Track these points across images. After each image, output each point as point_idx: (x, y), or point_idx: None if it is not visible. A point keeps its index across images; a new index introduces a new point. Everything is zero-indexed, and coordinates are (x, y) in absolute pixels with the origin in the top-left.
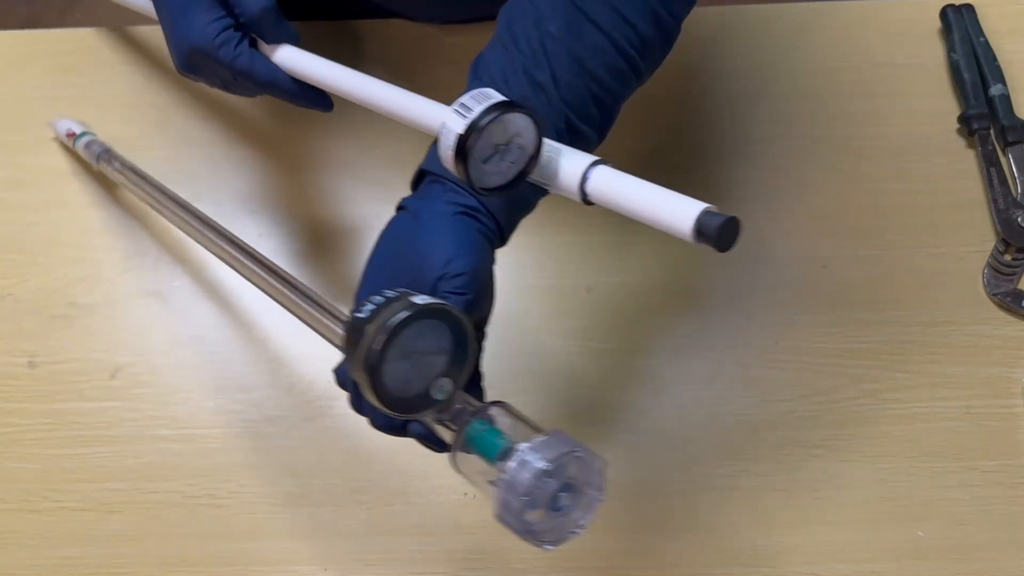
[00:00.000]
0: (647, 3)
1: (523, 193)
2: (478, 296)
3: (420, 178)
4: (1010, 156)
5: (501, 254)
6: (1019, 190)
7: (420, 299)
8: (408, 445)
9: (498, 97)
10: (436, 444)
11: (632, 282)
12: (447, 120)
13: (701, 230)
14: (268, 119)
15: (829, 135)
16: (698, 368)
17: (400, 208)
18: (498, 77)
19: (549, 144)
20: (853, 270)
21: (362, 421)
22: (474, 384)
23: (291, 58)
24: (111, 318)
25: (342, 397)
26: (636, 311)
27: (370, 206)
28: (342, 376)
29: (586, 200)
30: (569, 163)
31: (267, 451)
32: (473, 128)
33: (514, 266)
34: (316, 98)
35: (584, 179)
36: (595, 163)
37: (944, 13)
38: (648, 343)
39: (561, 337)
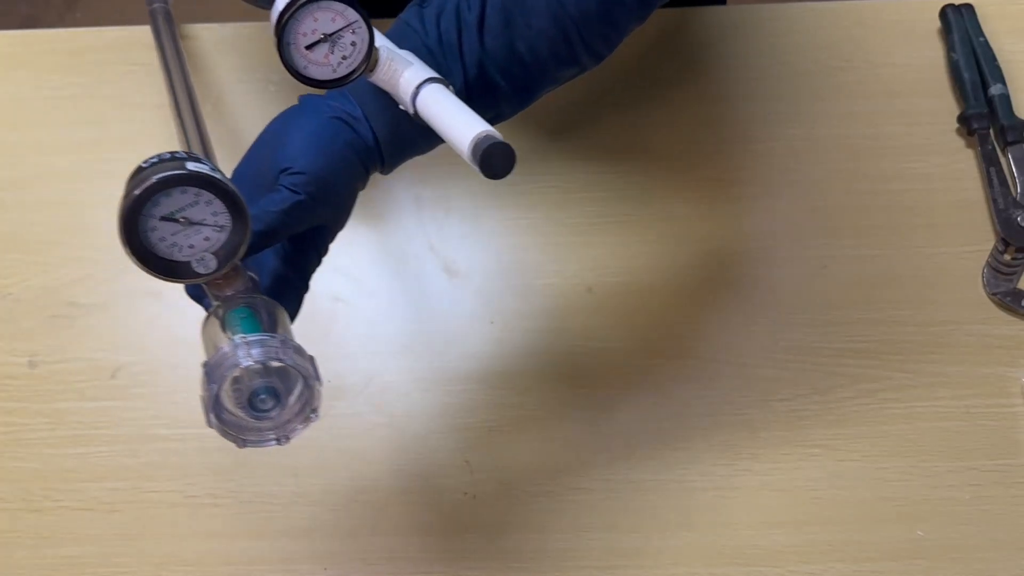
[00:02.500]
0: None
1: (408, 131)
2: (314, 200)
3: None
4: (1010, 156)
5: (502, 256)
6: (1019, 190)
7: (195, 166)
8: (408, 445)
9: None
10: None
11: (632, 282)
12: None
13: (473, 150)
14: (267, 120)
15: (829, 135)
16: (698, 368)
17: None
18: (436, 5)
19: (402, 55)
20: (853, 270)
21: (362, 422)
22: (290, 287)
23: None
24: (111, 318)
25: (342, 397)
26: (636, 311)
27: (367, 205)
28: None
29: (416, 113)
30: (411, 75)
31: (267, 451)
32: (293, 5)
33: (514, 266)
34: None
35: (416, 92)
36: (431, 80)
37: (944, 13)
38: (648, 343)
39: (561, 337)
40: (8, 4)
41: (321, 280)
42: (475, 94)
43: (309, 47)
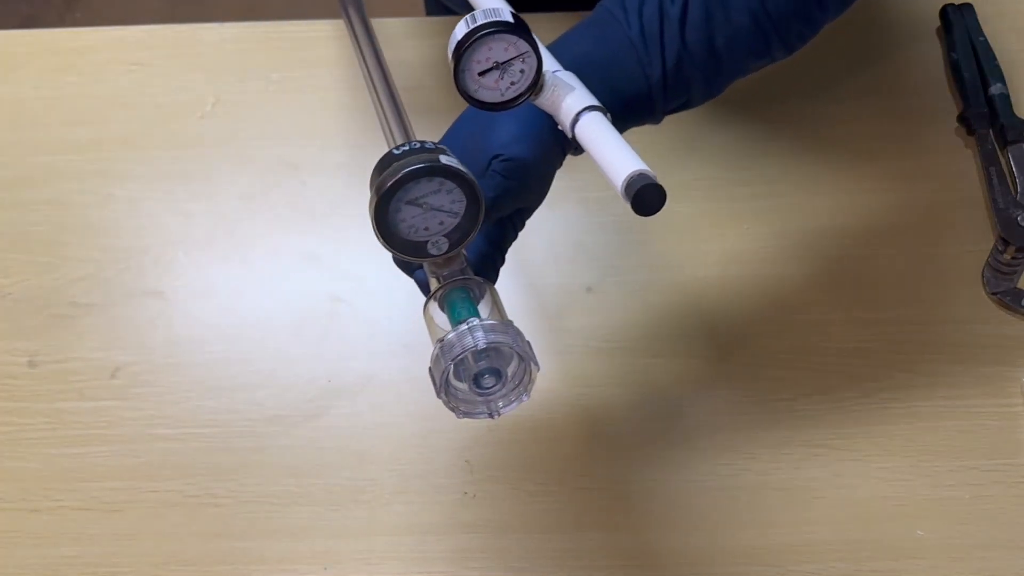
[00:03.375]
0: None
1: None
2: (522, 185)
3: None
4: (1010, 155)
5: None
6: (1019, 189)
7: (446, 159)
8: (408, 444)
9: (506, 17)
10: (425, 292)
11: (632, 281)
12: (457, 28)
13: (627, 188)
14: (268, 120)
15: (829, 135)
16: (698, 368)
17: None
18: None
19: (564, 80)
20: (853, 270)
21: (362, 421)
22: (491, 263)
23: None
24: (111, 317)
25: (342, 396)
26: (636, 311)
27: (367, 205)
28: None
29: (573, 137)
30: (572, 100)
31: (267, 451)
32: (470, 37)
33: (514, 265)
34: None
35: (576, 119)
36: (591, 108)
37: (944, 13)
38: (648, 343)
39: (561, 337)
40: (8, 4)
41: (321, 280)
42: (670, 84)
43: (482, 73)
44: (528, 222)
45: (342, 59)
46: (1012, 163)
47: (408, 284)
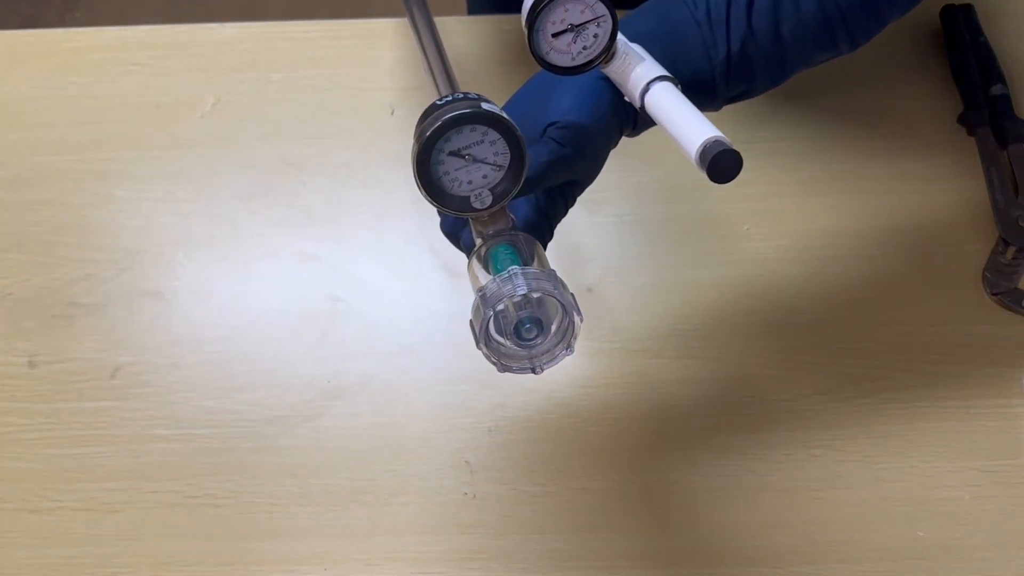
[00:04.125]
0: None
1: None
2: (576, 152)
3: None
4: (1010, 155)
5: None
6: (1019, 189)
7: (488, 106)
8: (408, 444)
9: None
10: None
11: (632, 281)
12: None
13: (702, 155)
14: (267, 120)
15: (829, 135)
16: (698, 368)
17: None
18: None
19: (635, 51)
20: (853, 270)
21: (362, 422)
22: (538, 233)
23: None
24: (111, 318)
25: (342, 397)
26: (636, 311)
27: (367, 205)
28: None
29: (642, 107)
30: (642, 70)
31: (267, 451)
32: None
33: None
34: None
35: (646, 89)
36: (661, 78)
37: (944, 13)
38: (648, 343)
39: None
40: (8, 4)
41: (321, 280)
42: (733, 69)
43: (555, 35)
44: None
45: (342, 59)
46: (1012, 163)
47: (408, 284)
